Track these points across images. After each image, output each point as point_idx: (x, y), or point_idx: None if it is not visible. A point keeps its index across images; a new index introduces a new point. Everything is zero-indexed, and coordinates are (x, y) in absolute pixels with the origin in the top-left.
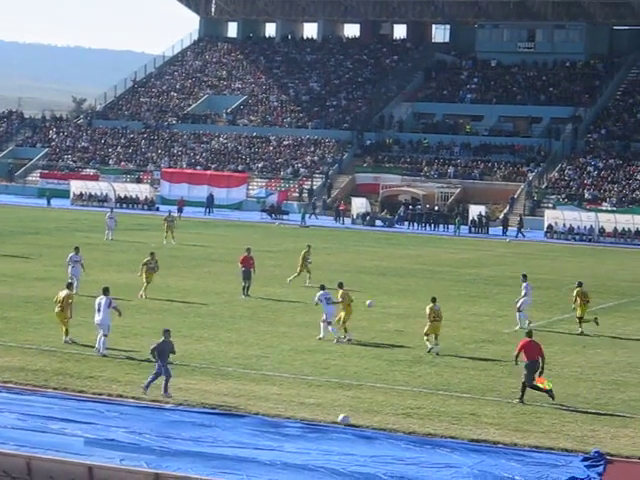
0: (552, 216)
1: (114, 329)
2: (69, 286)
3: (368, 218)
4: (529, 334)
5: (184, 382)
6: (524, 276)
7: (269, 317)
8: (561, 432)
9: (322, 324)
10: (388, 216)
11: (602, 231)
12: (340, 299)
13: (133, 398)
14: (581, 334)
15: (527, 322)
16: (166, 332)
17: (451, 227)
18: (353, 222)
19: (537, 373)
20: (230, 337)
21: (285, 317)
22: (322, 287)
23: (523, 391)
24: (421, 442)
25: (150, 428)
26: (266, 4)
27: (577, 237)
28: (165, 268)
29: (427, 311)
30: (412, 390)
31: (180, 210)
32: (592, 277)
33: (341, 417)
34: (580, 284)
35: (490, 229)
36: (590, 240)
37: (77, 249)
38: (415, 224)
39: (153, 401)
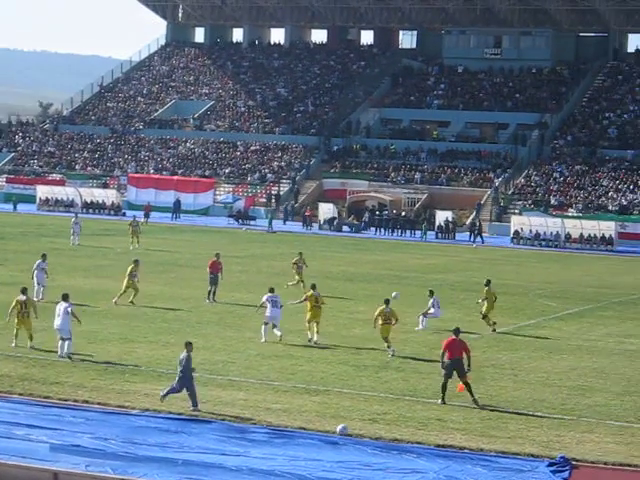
0: (518, 222)
1: (80, 334)
2: (24, 291)
3: (335, 223)
4: (455, 332)
5: (150, 388)
6: (431, 292)
7: (236, 322)
8: (527, 437)
9: (263, 327)
10: (355, 222)
11: (568, 237)
12: (303, 299)
13: (99, 404)
14: (494, 331)
15: (421, 326)
16: (188, 345)
17: (418, 233)
18: (320, 228)
19: (460, 371)
20: (197, 343)
21: (252, 322)
22: (271, 290)
23: (444, 390)
24: (388, 448)
25: (116, 434)
26: (233, 9)
27: (543, 243)
28: None
29: (376, 313)
30: (379, 396)
31: (147, 215)
32: (558, 283)
33: (340, 427)
34: (488, 283)
35: (457, 235)
36: (556, 246)
37: (44, 256)
38: (382, 230)
39: (119, 407)
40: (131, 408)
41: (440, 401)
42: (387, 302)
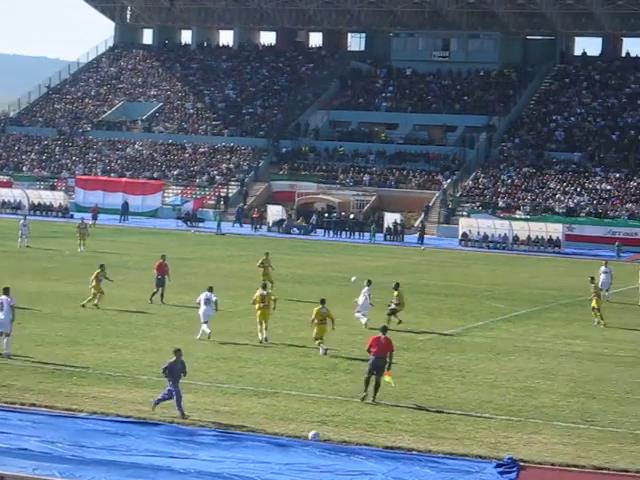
0: (466, 224)
1: (27, 337)
2: None
3: (284, 225)
4: (383, 330)
5: (98, 391)
6: (369, 281)
7: (184, 325)
8: (475, 439)
9: (204, 325)
10: (304, 224)
11: (516, 239)
12: (254, 298)
13: (46, 407)
14: (399, 322)
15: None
16: (177, 352)
17: (366, 235)
18: (269, 230)
19: (380, 371)
20: (145, 345)
21: (200, 325)
22: (209, 289)
23: (367, 385)
24: (336, 450)
25: (63, 437)
26: (182, 11)
27: (491, 245)
28: (79, 276)
29: (313, 314)
30: (327, 398)
31: (95, 217)
32: (506, 285)
33: (312, 434)
34: (397, 286)
35: (405, 237)
36: (504, 248)
37: None
38: (331, 232)
39: (66, 410)
40: (79, 411)
41: (362, 395)
42: (323, 302)
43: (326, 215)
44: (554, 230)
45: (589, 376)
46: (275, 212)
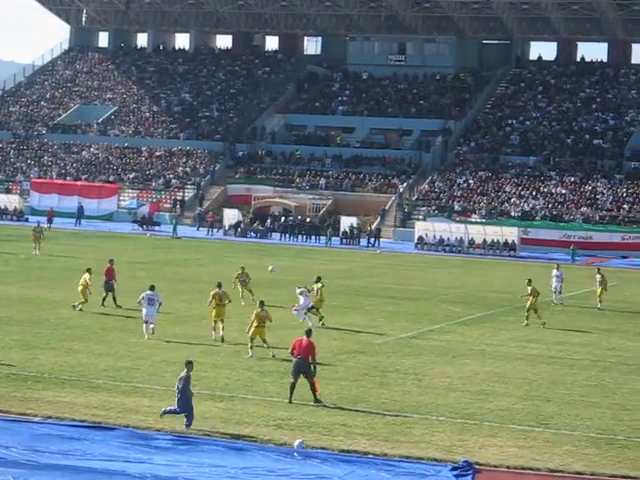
0: (422, 228)
1: None
2: None
3: (240, 229)
4: (307, 333)
5: (53, 395)
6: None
7: (139, 329)
8: (431, 442)
9: (144, 325)
10: (260, 227)
11: (472, 242)
12: (210, 299)
13: (0, 411)
14: (321, 318)
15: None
16: (188, 364)
17: (323, 238)
18: (225, 233)
19: (307, 372)
20: (100, 349)
21: (156, 329)
22: (151, 287)
23: (292, 391)
24: (292, 453)
25: (17, 442)
26: (137, 14)
27: (447, 248)
28: (34, 279)
29: (252, 316)
30: (283, 401)
31: (50, 221)
32: (461, 288)
33: (297, 442)
34: (319, 279)
35: (361, 240)
36: (460, 251)
37: None
38: (287, 235)
39: (21, 414)
40: (33, 415)
41: (288, 401)
42: (262, 304)
43: (282, 219)
44: (510, 234)
45: (544, 379)
46: (231, 216)
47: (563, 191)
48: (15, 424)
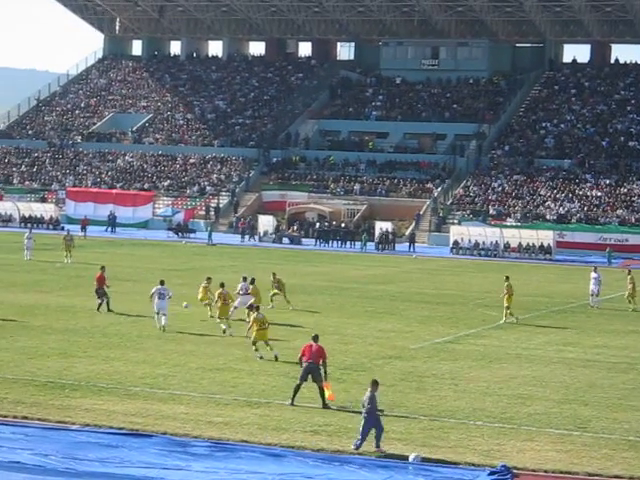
0: (457, 232)
1: (19, 350)
2: None
3: (276, 235)
4: (314, 338)
5: (90, 403)
6: (246, 278)
7: (176, 336)
8: (468, 447)
9: (155, 316)
10: (295, 233)
11: (507, 246)
12: (216, 298)
13: (39, 420)
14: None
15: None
16: (374, 384)
17: (357, 244)
18: (260, 240)
19: (316, 377)
20: (137, 356)
21: (192, 335)
22: (161, 282)
23: (295, 393)
24: (329, 459)
25: (56, 450)
26: (171, 22)
27: (482, 252)
28: (71, 288)
29: (250, 321)
30: (320, 407)
31: (84, 229)
32: (497, 292)
33: (413, 456)
34: (252, 281)
35: (396, 245)
36: (495, 255)
37: None
38: (322, 241)
39: (59, 422)
40: (71, 423)
41: (289, 402)
42: (257, 309)
43: (317, 224)
44: (545, 237)
45: (581, 383)
46: (266, 222)
47: (598, 194)
48: (53, 432)
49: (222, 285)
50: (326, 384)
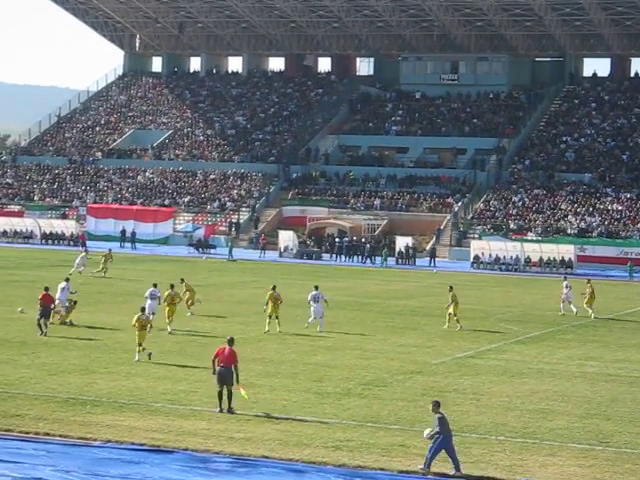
0: (478, 246)
1: (40, 366)
2: None
3: (296, 251)
4: (229, 342)
5: (112, 419)
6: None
7: (197, 352)
8: (490, 462)
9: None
10: (315, 249)
11: (528, 261)
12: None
13: (60, 436)
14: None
15: None
16: (436, 405)
17: (378, 259)
18: (280, 255)
19: (228, 380)
20: (158, 372)
21: (213, 351)
22: (154, 285)
23: (220, 399)
24: (351, 474)
25: (78, 466)
26: (190, 38)
27: (503, 267)
28: (92, 304)
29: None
30: (341, 422)
31: (83, 244)
32: (518, 306)
33: (427, 432)
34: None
35: (417, 260)
36: (516, 270)
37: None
38: (342, 256)
39: (81, 438)
40: (93, 440)
41: (217, 409)
42: (143, 310)
43: (337, 240)
44: (566, 251)
45: (603, 397)
46: (286, 237)
47: (619, 207)
48: (75, 448)
49: (172, 287)
50: (237, 387)
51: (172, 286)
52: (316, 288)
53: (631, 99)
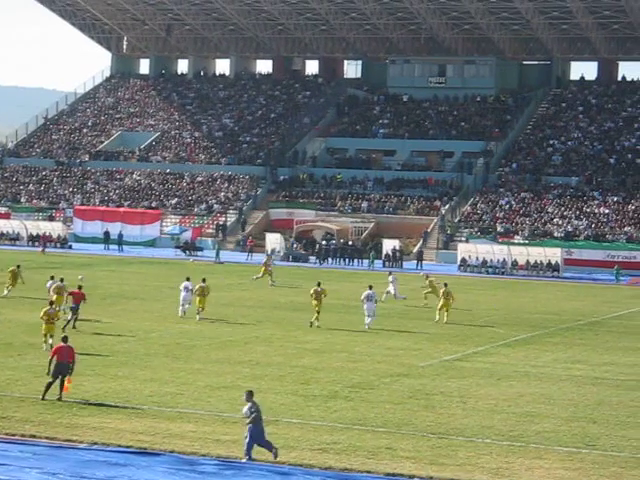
0: (465, 250)
1: (27, 368)
2: None
3: (283, 254)
4: (63, 339)
5: (98, 421)
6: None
7: (184, 354)
8: (476, 465)
9: (181, 307)
10: (302, 251)
11: (515, 264)
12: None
13: (47, 438)
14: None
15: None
16: (249, 394)
17: (365, 261)
18: None
19: (65, 371)
20: (145, 375)
21: (199, 354)
22: (187, 278)
23: (47, 389)
24: (338, 477)
25: (64, 468)
26: (178, 41)
27: (490, 270)
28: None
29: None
30: (328, 425)
31: (44, 246)
32: (505, 309)
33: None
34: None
35: (404, 263)
36: (503, 273)
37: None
38: (329, 259)
39: (67, 441)
40: (79, 442)
41: (41, 397)
42: (51, 303)
43: (324, 242)
44: (553, 254)
45: (590, 400)
46: (274, 240)
47: (606, 211)
48: (61, 450)
49: (318, 284)
50: (69, 379)
51: (204, 280)
52: (370, 288)
53: (618, 103)
